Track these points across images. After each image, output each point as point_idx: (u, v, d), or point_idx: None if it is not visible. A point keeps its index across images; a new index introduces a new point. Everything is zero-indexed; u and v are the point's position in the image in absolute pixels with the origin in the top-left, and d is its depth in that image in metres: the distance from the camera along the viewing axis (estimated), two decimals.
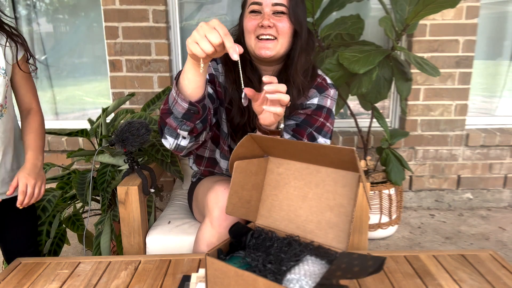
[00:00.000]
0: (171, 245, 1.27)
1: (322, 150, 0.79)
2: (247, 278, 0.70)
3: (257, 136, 0.85)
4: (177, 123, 0.98)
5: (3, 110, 0.99)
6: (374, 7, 2.37)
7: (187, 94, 0.94)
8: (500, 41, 2.51)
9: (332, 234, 0.83)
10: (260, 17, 1.07)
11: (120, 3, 2.20)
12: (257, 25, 1.07)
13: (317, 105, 1.18)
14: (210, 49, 0.79)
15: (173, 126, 0.99)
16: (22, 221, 1.23)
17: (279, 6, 1.06)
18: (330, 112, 1.19)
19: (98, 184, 1.51)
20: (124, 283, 0.91)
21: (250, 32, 1.09)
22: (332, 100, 1.20)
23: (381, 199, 2.07)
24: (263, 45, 1.07)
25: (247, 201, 0.91)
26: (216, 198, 1.07)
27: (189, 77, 0.91)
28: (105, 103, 2.51)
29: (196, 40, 0.80)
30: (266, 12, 1.06)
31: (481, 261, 0.98)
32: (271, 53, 1.08)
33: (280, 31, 1.07)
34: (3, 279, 0.93)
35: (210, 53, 0.80)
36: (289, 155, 0.89)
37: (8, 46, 1.02)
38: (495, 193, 2.55)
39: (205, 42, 0.79)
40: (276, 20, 1.06)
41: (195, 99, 0.95)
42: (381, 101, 2.05)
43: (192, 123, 0.98)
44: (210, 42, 0.79)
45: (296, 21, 1.08)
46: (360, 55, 1.77)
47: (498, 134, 2.42)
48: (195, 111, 0.96)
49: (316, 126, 1.17)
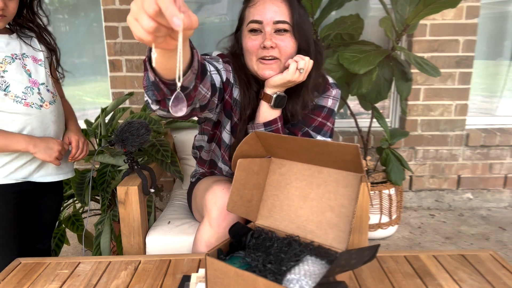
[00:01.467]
0: (171, 245, 1.27)
1: (325, 148, 0.79)
2: (247, 278, 0.70)
3: (261, 133, 0.85)
4: (146, 83, 0.78)
5: (55, 97, 1.19)
6: (374, 7, 2.37)
7: (157, 71, 0.72)
8: (500, 41, 2.51)
9: (333, 234, 0.83)
10: (261, 37, 1.00)
11: (120, 3, 2.20)
12: (258, 46, 1.00)
13: (316, 105, 1.16)
14: (150, 24, 0.52)
15: (144, 84, 0.79)
16: (52, 209, 1.33)
17: (281, 24, 0.98)
18: (331, 112, 1.17)
19: (98, 184, 1.51)
20: (124, 283, 0.91)
21: (252, 54, 1.03)
22: (334, 100, 1.17)
23: (381, 199, 2.07)
24: (266, 66, 1.02)
25: (248, 200, 0.91)
26: (214, 198, 1.07)
27: (159, 61, 0.67)
28: (105, 103, 2.51)
29: (135, 15, 0.53)
30: (267, 32, 0.99)
31: (481, 261, 0.98)
32: (275, 73, 1.02)
33: (282, 52, 1.00)
34: (3, 279, 0.93)
35: (153, 30, 0.52)
36: (292, 155, 0.89)
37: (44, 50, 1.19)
38: (495, 193, 2.55)
39: (142, 17, 0.52)
40: (278, 40, 0.99)
41: (167, 79, 0.73)
42: (381, 101, 2.05)
43: (160, 96, 0.78)
44: (147, 13, 0.51)
45: (301, 37, 1.00)
46: (360, 55, 1.77)
47: (498, 134, 2.42)
48: (173, 87, 0.75)
49: (314, 125, 1.15)
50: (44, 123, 1.14)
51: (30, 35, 1.17)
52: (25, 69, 1.11)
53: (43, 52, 1.18)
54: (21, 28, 1.17)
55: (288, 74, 1.00)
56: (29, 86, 1.11)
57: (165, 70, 0.70)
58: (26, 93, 1.10)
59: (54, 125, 1.18)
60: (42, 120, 1.14)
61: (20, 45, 1.13)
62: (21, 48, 1.13)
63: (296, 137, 0.82)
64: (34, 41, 1.18)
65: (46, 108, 1.15)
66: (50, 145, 1.13)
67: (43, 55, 1.18)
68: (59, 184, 1.31)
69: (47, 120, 1.15)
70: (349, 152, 0.76)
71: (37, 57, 1.16)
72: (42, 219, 1.30)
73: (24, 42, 1.15)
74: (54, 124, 1.18)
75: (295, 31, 0.99)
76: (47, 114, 1.15)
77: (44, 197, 1.26)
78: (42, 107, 1.13)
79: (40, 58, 1.17)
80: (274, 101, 1.06)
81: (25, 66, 1.12)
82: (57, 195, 1.32)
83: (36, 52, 1.16)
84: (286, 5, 1.00)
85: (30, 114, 1.11)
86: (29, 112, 1.11)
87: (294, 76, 1.00)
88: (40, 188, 1.22)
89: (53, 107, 1.17)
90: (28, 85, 1.11)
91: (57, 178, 1.24)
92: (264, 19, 1.00)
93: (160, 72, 0.71)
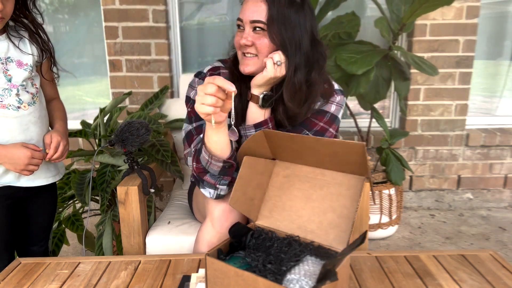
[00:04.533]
0: (171, 245, 1.27)
1: (332, 147, 0.79)
2: (247, 278, 0.70)
3: (269, 132, 0.85)
4: (215, 180, 1.03)
5: (35, 98, 1.16)
6: (372, 6, 2.37)
7: (218, 154, 0.99)
8: (500, 41, 2.51)
9: (333, 234, 0.83)
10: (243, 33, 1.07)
11: (120, 3, 2.19)
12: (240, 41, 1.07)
13: (319, 110, 1.14)
14: (213, 100, 0.86)
15: (212, 182, 1.03)
16: (46, 211, 1.31)
17: (257, 23, 1.03)
18: (334, 118, 1.14)
19: (98, 184, 1.50)
20: (124, 283, 0.91)
21: (238, 49, 1.10)
22: (338, 106, 1.14)
23: (381, 199, 2.07)
24: (245, 61, 1.08)
25: (251, 199, 0.91)
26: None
27: (215, 140, 0.97)
28: (104, 103, 2.50)
29: (201, 101, 0.88)
30: (246, 30, 1.05)
31: (481, 261, 0.98)
32: (250, 70, 1.07)
33: (259, 49, 1.05)
34: (3, 279, 0.93)
35: (215, 103, 0.87)
36: (297, 156, 0.89)
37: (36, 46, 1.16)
38: (495, 193, 2.55)
39: (207, 98, 0.86)
40: (254, 38, 1.04)
41: (227, 155, 0.99)
42: (381, 101, 2.05)
43: (229, 176, 1.02)
44: (210, 94, 0.86)
45: (278, 38, 1.02)
46: (357, 56, 1.77)
47: (498, 134, 2.42)
48: (230, 165, 1.00)
49: (315, 130, 1.13)
50: (22, 125, 1.11)
51: (22, 35, 1.13)
52: (5, 74, 1.08)
53: (32, 56, 1.14)
54: (15, 23, 1.12)
55: (268, 72, 1.03)
56: (7, 88, 1.08)
57: (224, 147, 0.98)
58: (3, 95, 1.08)
59: (35, 126, 1.14)
60: (20, 122, 1.10)
61: (8, 48, 1.10)
62: (8, 51, 1.10)
63: (303, 136, 0.82)
64: (25, 42, 1.14)
65: (24, 109, 1.11)
66: (15, 156, 1.07)
67: (32, 60, 1.14)
68: (52, 186, 1.28)
69: (25, 122, 1.12)
70: (355, 152, 0.76)
71: (23, 61, 1.12)
72: (36, 222, 1.28)
73: (13, 43, 1.11)
74: (35, 125, 1.14)
75: (271, 30, 1.02)
76: (25, 116, 1.11)
77: (37, 200, 1.24)
78: (20, 109, 1.10)
79: (26, 63, 1.13)
80: (261, 101, 1.08)
81: (7, 72, 1.09)
82: (50, 197, 1.30)
83: (23, 55, 1.12)
84: (266, 5, 1.03)
85: (7, 116, 1.08)
86: (5, 114, 1.08)
87: (274, 72, 1.03)
88: (30, 192, 1.19)
89: (32, 108, 1.13)
90: (6, 87, 1.08)
91: (45, 181, 1.21)
92: (244, 17, 1.05)
93: (220, 153, 0.98)
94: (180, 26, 2.35)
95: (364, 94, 1.91)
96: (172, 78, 2.35)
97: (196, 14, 2.40)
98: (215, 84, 0.85)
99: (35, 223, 1.28)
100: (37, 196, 1.23)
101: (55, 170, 1.25)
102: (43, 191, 1.23)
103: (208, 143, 0.98)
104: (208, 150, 0.99)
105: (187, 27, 2.40)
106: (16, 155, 1.08)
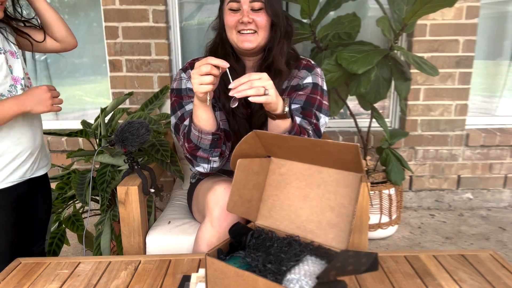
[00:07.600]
0: (171, 245, 1.27)
1: (326, 147, 0.79)
2: (247, 278, 0.70)
3: (261, 132, 0.85)
4: (207, 153, 1.15)
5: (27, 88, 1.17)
6: (373, 7, 2.37)
7: (207, 129, 1.10)
8: (500, 41, 2.51)
9: (333, 234, 0.83)
10: (240, 14, 1.16)
11: (120, 3, 2.20)
12: (237, 21, 1.16)
13: (313, 83, 1.23)
14: (210, 78, 0.96)
15: (205, 156, 1.15)
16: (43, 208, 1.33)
17: (256, 3, 1.15)
18: (323, 90, 1.26)
19: (98, 184, 1.50)
20: (124, 283, 0.91)
21: (232, 28, 1.18)
22: (322, 78, 1.27)
23: (381, 199, 2.07)
24: (245, 38, 1.17)
25: (248, 200, 0.91)
26: (216, 198, 1.07)
27: (204, 117, 1.08)
28: (105, 103, 2.51)
29: (198, 82, 0.97)
30: (245, 9, 1.15)
31: (481, 261, 0.98)
32: (253, 45, 1.17)
33: (259, 26, 1.16)
34: (3, 279, 0.93)
35: (213, 81, 0.97)
36: (292, 154, 0.89)
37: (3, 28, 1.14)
38: (495, 193, 2.55)
39: (204, 77, 0.96)
40: (254, 16, 1.15)
41: (215, 128, 1.12)
42: (381, 101, 2.05)
43: (219, 148, 1.15)
44: (206, 73, 0.96)
45: (273, 13, 1.16)
46: (358, 55, 1.78)
47: (498, 134, 2.42)
48: (218, 137, 1.13)
49: (317, 105, 1.21)
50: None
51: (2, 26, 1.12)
52: (7, 65, 1.10)
53: (15, 46, 1.15)
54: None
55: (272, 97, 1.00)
56: (13, 84, 1.11)
57: (211, 122, 1.09)
58: (11, 91, 1.11)
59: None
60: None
61: (2, 39, 1.10)
62: (3, 43, 1.10)
63: (296, 137, 0.82)
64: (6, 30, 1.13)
65: None
66: (36, 92, 1.09)
67: (15, 48, 1.15)
68: (46, 182, 1.32)
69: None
70: (349, 152, 0.76)
71: (12, 50, 1.13)
72: (36, 220, 1.30)
73: (2, 34, 1.11)
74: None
75: (268, 8, 1.15)
76: None
77: (36, 197, 1.27)
78: None
79: (14, 51, 1.14)
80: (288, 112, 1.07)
81: (7, 62, 1.10)
82: (46, 192, 1.33)
83: (10, 45, 1.13)
84: None
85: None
86: None
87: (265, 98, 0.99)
88: (32, 187, 1.22)
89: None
90: (12, 83, 1.11)
91: (46, 169, 1.27)
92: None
93: (209, 128, 1.10)
94: (180, 26, 2.35)
95: (365, 94, 1.91)
96: (172, 78, 2.35)
97: (196, 14, 2.41)
98: (209, 63, 0.95)
99: (35, 222, 1.30)
100: (36, 193, 1.26)
101: (47, 160, 1.29)
102: (41, 186, 1.27)
103: (198, 122, 1.09)
104: (198, 127, 1.10)
105: (187, 27, 2.40)
106: (37, 91, 1.09)
